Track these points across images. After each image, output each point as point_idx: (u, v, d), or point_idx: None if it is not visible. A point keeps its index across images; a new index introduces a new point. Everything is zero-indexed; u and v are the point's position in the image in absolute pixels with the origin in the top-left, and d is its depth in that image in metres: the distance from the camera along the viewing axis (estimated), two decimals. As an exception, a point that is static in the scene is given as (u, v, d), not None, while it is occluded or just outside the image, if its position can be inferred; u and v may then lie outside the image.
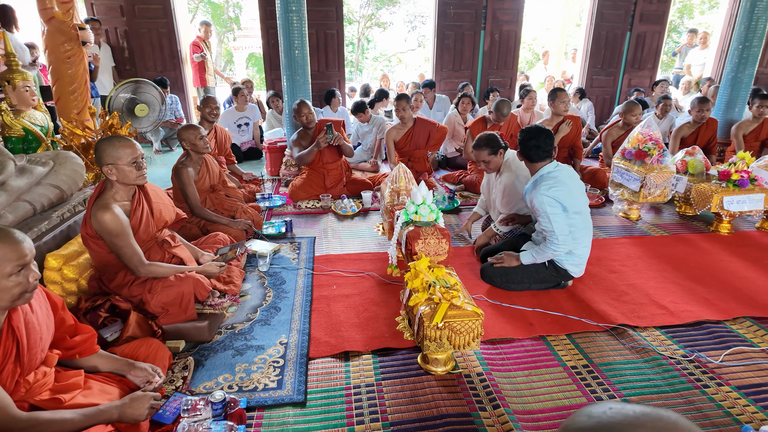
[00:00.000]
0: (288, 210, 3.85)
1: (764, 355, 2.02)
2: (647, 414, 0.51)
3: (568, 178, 2.46)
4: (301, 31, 4.19)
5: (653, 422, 0.50)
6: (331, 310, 2.35)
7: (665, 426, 0.50)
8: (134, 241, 2.04)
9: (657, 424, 0.50)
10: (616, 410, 0.52)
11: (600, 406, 0.55)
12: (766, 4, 4.51)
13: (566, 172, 2.50)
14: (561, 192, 2.37)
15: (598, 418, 0.52)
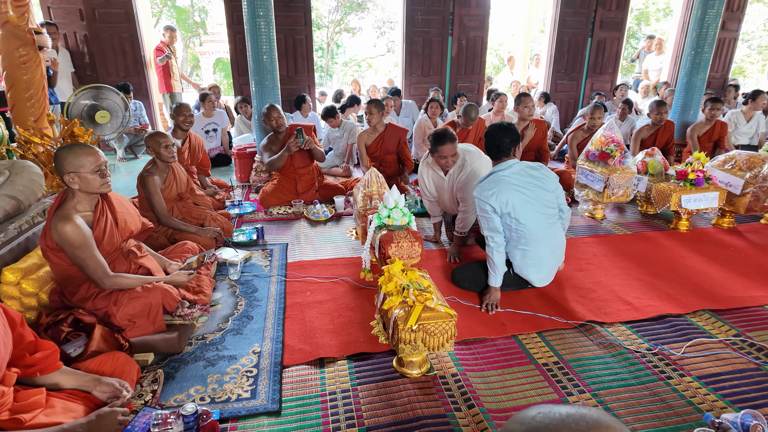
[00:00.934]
0: (259, 217, 3.80)
1: (722, 346, 2.12)
2: (571, 415, 0.55)
3: (520, 185, 2.33)
4: (269, 36, 4.16)
5: (576, 422, 0.54)
6: (305, 317, 2.33)
7: (587, 424, 0.54)
8: (98, 252, 1.97)
9: (579, 423, 0.54)
10: (543, 414, 0.56)
11: (530, 411, 0.58)
12: (716, 12, 4.76)
13: (521, 178, 2.36)
14: (497, 197, 2.29)
15: (528, 424, 0.56)
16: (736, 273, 2.81)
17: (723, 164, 3.55)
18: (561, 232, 2.55)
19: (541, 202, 2.40)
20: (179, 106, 3.93)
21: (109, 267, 2.00)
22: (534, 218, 2.36)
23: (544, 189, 2.41)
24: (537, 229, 2.37)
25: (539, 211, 2.39)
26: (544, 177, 2.43)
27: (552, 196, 2.45)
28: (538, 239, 2.39)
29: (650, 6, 17.87)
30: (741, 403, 1.76)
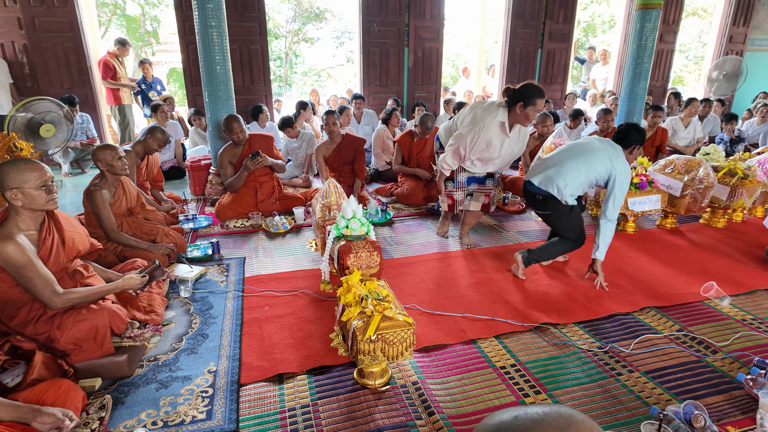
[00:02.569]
0: (215, 231, 3.70)
1: (667, 341, 2.23)
2: (548, 413, 0.57)
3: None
4: (222, 46, 4.08)
5: (555, 419, 0.56)
6: (263, 333, 2.28)
7: (566, 420, 0.56)
8: (45, 269, 1.86)
9: (559, 420, 0.56)
10: (522, 415, 0.57)
11: (504, 414, 0.59)
12: (653, 26, 5.06)
13: None
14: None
15: (509, 427, 0.56)
16: (678, 271, 2.98)
17: (664, 168, 3.76)
18: None
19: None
20: (159, 130, 3.79)
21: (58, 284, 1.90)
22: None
23: None
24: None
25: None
26: None
27: None
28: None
29: (596, 18, 18.84)
30: (684, 395, 1.86)
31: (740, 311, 2.50)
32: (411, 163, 4.59)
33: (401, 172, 4.62)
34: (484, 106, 2.97)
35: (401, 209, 4.30)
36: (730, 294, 2.64)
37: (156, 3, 18.28)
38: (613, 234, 2.71)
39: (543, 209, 2.82)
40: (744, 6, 8.42)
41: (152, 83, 6.29)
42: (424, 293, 2.69)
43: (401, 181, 4.66)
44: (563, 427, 0.55)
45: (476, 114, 2.93)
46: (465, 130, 2.93)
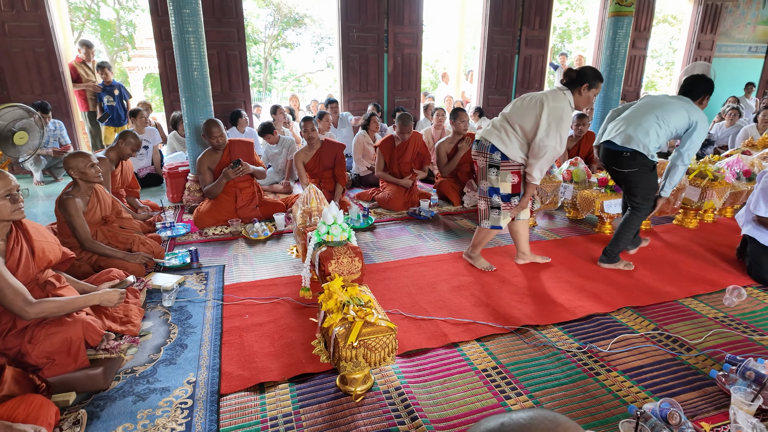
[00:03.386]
0: (193, 238, 3.64)
1: (643, 340, 2.28)
2: (534, 417, 0.59)
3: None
4: (200, 52, 4.04)
5: (542, 422, 0.58)
6: (243, 341, 2.25)
7: (552, 423, 0.58)
8: (14, 279, 1.80)
9: (545, 423, 0.58)
10: (509, 422, 0.59)
11: (489, 422, 0.60)
12: (625, 32, 5.21)
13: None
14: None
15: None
16: (653, 271, 3.05)
17: (637, 171, 3.85)
18: None
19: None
20: (132, 136, 3.71)
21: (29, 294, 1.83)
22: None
23: None
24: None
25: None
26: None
27: None
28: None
29: (571, 25, 19.27)
30: (660, 392, 1.90)
31: (712, 309, 2.58)
32: (393, 168, 4.61)
33: (383, 179, 4.63)
34: (548, 95, 2.70)
35: (383, 214, 4.31)
36: (703, 293, 2.73)
37: (131, 7, 17.99)
38: (681, 178, 2.93)
39: (629, 167, 2.89)
40: (711, 14, 8.73)
41: (110, 88, 5.92)
42: (406, 298, 2.70)
43: (382, 185, 4.68)
44: (550, 429, 0.57)
45: (550, 105, 2.65)
46: (554, 126, 2.63)
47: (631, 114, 2.91)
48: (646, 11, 8.21)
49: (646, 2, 8.15)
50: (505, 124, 2.77)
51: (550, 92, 2.72)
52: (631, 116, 2.89)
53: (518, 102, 2.78)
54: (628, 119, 2.88)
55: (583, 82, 2.70)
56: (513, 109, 2.77)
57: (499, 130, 2.77)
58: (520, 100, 2.78)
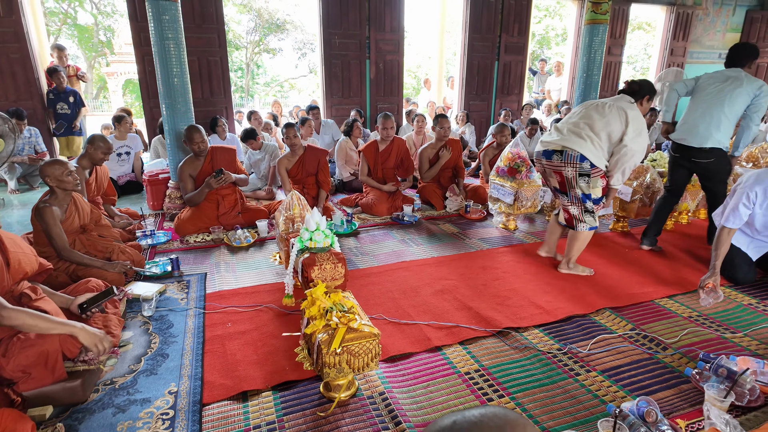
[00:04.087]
0: (174, 246, 3.60)
1: (621, 340, 2.34)
2: (485, 414, 0.62)
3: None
4: (180, 58, 4.01)
5: (491, 419, 0.61)
6: (226, 350, 2.23)
7: (501, 419, 0.61)
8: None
9: (494, 420, 0.61)
10: (460, 419, 0.62)
11: (444, 420, 0.63)
12: (600, 39, 5.34)
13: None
14: None
15: (449, 430, 0.61)
16: (630, 272, 3.13)
17: (614, 175, 3.95)
18: None
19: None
20: (101, 140, 3.63)
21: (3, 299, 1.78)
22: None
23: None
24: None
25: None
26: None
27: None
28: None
29: (550, 31, 19.67)
30: (638, 391, 1.94)
31: (687, 308, 2.65)
32: (376, 174, 4.63)
33: (367, 184, 4.65)
34: (625, 105, 2.80)
35: (367, 219, 4.32)
36: (678, 293, 2.81)
37: (109, 12, 17.74)
38: (751, 140, 3.25)
39: (707, 158, 3.24)
40: (683, 21, 9.01)
41: (63, 94, 5.64)
42: (389, 303, 2.71)
43: (366, 191, 4.69)
44: (500, 426, 0.59)
45: (632, 115, 2.77)
46: (643, 134, 2.77)
47: (698, 111, 3.29)
48: (621, 19, 8.43)
49: (621, 10, 8.37)
50: (590, 133, 2.79)
51: (623, 102, 2.83)
52: (700, 112, 3.28)
53: (593, 112, 2.83)
54: (696, 116, 3.28)
55: (645, 94, 2.91)
56: (595, 119, 2.80)
57: (585, 139, 2.78)
58: (595, 110, 2.83)
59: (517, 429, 0.60)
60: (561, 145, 2.83)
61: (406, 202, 4.47)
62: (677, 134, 3.39)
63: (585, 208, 2.92)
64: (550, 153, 2.89)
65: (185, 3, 5.82)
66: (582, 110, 2.89)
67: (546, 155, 2.93)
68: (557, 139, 2.86)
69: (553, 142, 2.87)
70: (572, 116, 2.94)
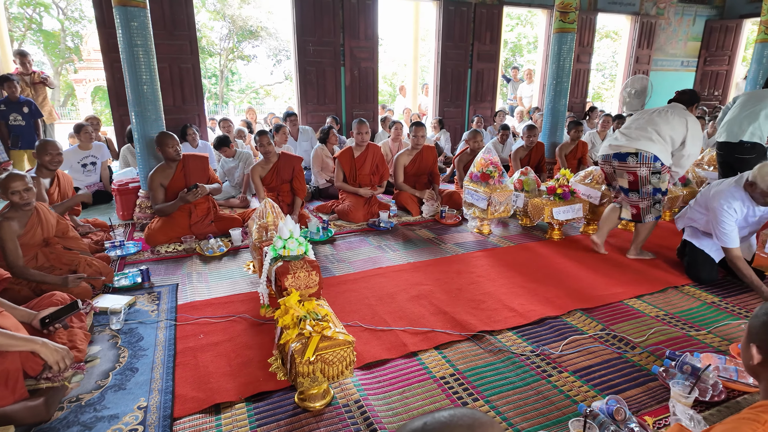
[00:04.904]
0: (145, 257, 3.51)
1: (592, 340, 2.39)
2: (454, 415, 0.64)
3: None
4: (149, 65, 3.94)
5: (460, 419, 0.63)
6: (198, 362, 2.19)
7: (470, 419, 0.63)
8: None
9: (463, 419, 0.63)
10: (431, 420, 0.63)
11: (415, 423, 0.64)
12: (569, 47, 5.50)
13: None
14: None
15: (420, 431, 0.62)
16: (600, 274, 3.21)
17: (584, 179, 4.06)
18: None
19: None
20: (44, 144, 3.50)
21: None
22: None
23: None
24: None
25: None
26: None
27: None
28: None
29: (522, 39, 20.10)
30: (608, 390, 1.99)
31: (654, 308, 2.73)
32: (352, 180, 4.63)
33: (343, 189, 4.65)
34: (684, 113, 3.26)
35: (343, 226, 4.31)
36: (646, 293, 2.89)
37: (77, 18, 17.31)
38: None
39: (750, 153, 3.87)
40: (647, 30, 9.35)
41: (16, 104, 5.16)
42: (366, 309, 2.71)
43: (342, 197, 4.69)
44: (469, 425, 0.62)
45: (692, 121, 3.23)
46: (698, 136, 3.24)
47: (732, 114, 4.04)
48: (589, 28, 8.69)
49: (588, 19, 8.63)
50: (658, 136, 3.20)
51: (679, 110, 3.28)
52: (734, 114, 4.02)
53: (657, 118, 3.26)
54: (732, 118, 4.02)
55: (694, 102, 3.37)
56: (660, 124, 3.22)
57: (656, 142, 3.19)
58: (659, 117, 3.27)
59: (485, 427, 0.62)
60: (635, 147, 3.20)
61: (382, 208, 4.48)
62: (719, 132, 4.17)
63: (654, 200, 3.30)
64: (624, 156, 3.26)
65: (155, 9, 5.73)
66: (645, 116, 3.31)
67: (619, 158, 3.29)
68: (631, 143, 3.23)
69: (627, 145, 3.24)
70: (635, 122, 3.33)
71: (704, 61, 10.22)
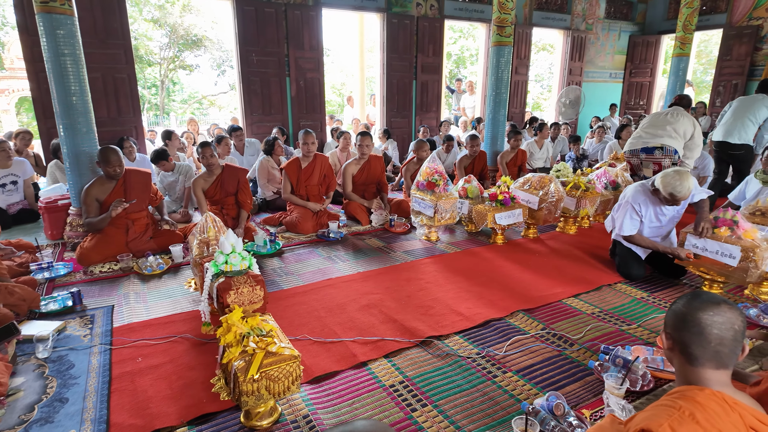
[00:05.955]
0: (76, 278, 3.29)
1: (533, 339, 2.49)
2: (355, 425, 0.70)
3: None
4: (79, 75, 3.73)
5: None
6: (136, 387, 2.07)
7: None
8: None
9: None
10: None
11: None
12: (506, 60, 5.76)
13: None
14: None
15: None
16: (541, 275, 3.35)
17: (523, 185, 4.25)
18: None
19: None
20: None
21: None
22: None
23: None
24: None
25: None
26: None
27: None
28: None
29: (465, 52, 20.80)
30: (549, 387, 2.08)
31: (590, 306, 2.89)
32: (300, 191, 4.58)
33: (291, 202, 4.58)
34: (683, 113, 4.31)
35: (291, 238, 4.25)
36: (582, 291, 3.06)
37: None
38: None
39: (739, 151, 4.87)
40: (578, 44, 9.97)
41: None
42: (315, 322, 2.68)
43: (290, 209, 4.62)
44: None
45: (693, 120, 4.33)
46: (698, 132, 4.30)
47: (725, 119, 5.06)
48: (525, 41, 9.14)
49: (525, 33, 9.09)
50: (675, 134, 4.21)
51: (683, 111, 4.34)
52: (726, 120, 5.03)
53: (671, 119, 4.29)
54: (726, 124, 5.00)
55: (690, 104, 4.41)
56: (674, 123, 4.24)
57: (675, 138, 4.21)
58: (672, 117, 4.30)
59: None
60: (661, 143, 4.22)
61: (331, 218, 4.46)
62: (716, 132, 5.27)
63: None
64: (652, 149, 4.30)
65: (86, 17, 5.45)
66: (660, 118, 4.34)
67: (646, 151, 4.33)
68: (656, 140, 4.24)
69: (653, 141, 4.26)
70: (653, 123, 4.36)
71: (630, 73, 11.02)
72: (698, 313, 1.15)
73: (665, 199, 3.05)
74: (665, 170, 3.06)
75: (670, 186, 2.96)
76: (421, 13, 7.95)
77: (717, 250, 2.91)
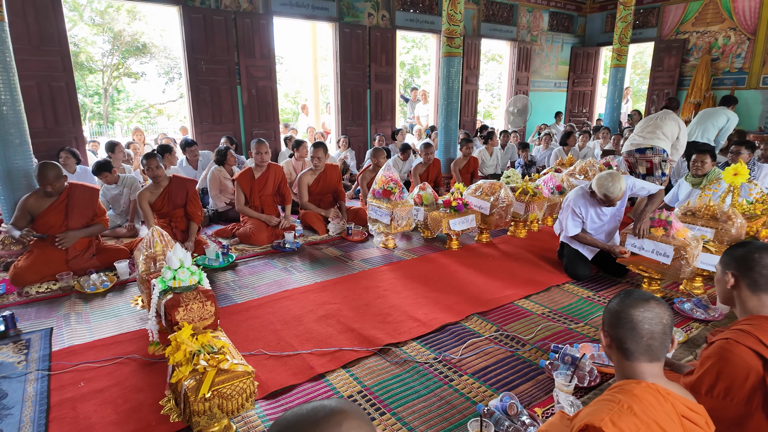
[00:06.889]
0: (10, 300, 3.06)
1: (488, 342, 2.55)
2: (314, 407, 0.75)
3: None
4: (10, 84, 3.50)
5: (316, 412, 0.73)
6: (78, 414, 1.95)
7: (325, 410, 0.73)
8: None
9: (318, 412, 0.74)
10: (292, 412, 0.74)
11: (286, 413, 0.75)
12: (456, 70, 5.92)
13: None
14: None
15: (278, 423, 0.74)
16: (494, 278, 3.45)
17: (475, 191, 4.36)
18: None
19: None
20: None
21: None
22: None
23: None
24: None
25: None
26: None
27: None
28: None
29: (418, 61, 21.18)
30: (503, 387, 2.14)
31: (540, 306, 3.00)
32: (254, 201, 4.49)
33: (245, 214, 4.48)
34: (671, 116, 4.85)
35: (245, 250, 4.15)
36: (533, 293, 3.17)
37: None
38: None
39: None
40: (524, 55, 10.39)
41: None
42: (271, 335, 2.62)
43: (244, 220, 4.52)
44: (319, 415, 0.73)
45: (679, 122, 4.84)
46: (684, 132, 4.91)
47: (691, 127, 5.78)
48: (474, 52, 9.44)
49: (473, 44, 9.38)
50: (663, 136, 4.70)
51: (671, 114, 4.89)
52: (692, 128, 5.77)
53: (659, 122, 4.78)
54: (693, 131, 5.75)
55: (677, 107, 4.85)
56: (662, 126, 4.74)
57: (663, 139, 4.70)
58: (661, 120, 4.80)
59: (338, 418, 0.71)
60: (651, 144, 4.71)
61: (287, 228, 4.40)
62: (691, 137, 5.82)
63: (661, 181, 4.78)
64: (644, 149, 4.78)
65: (17, 22, 5.14)
66: (652, 122, 4.83)
67: (639, 151, 4.82)
68: (648, 141, 4.73)
69: (644, 142, 4.75)
70: (646, 126, 4.87)
71: (573, 82, 11.61)
72: (630, 310, 1.22)
73: (601, 201, 3.26)
74: (599, 173, 3.28)
75: (603, 188, 3.17)
76: (373, 23, 8.04)
77: (653, 249, 3.10)
